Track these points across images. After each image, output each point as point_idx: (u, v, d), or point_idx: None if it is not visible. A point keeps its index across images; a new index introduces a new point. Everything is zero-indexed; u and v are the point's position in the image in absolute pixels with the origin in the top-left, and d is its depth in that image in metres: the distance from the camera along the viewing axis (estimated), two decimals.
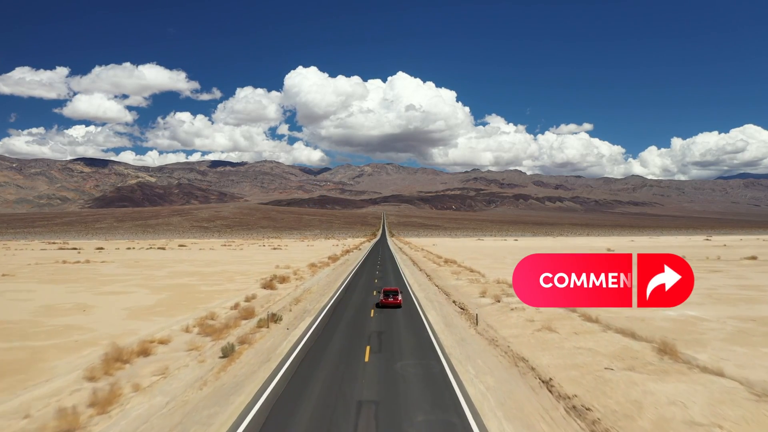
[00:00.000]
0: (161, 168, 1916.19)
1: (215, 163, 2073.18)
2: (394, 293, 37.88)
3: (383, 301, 36.99)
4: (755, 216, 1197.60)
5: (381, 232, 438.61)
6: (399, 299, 37.35)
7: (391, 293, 37.81)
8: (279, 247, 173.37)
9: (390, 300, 36.92)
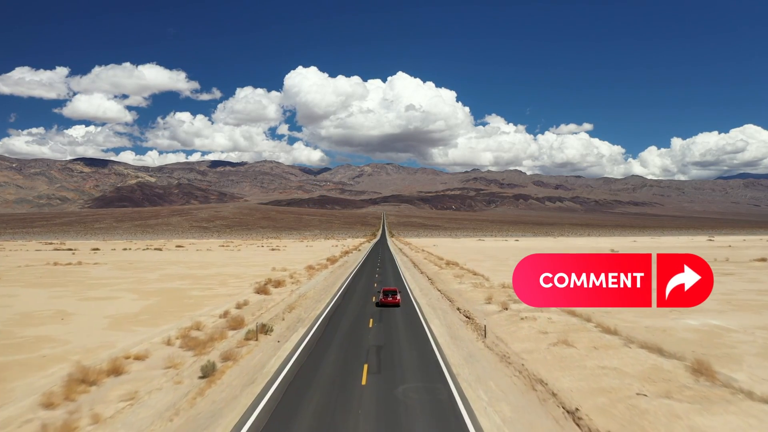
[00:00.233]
0: (161, 168, 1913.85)
1: (215, 163, 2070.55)
2: (393, 293, 39.71)
3: (383, 300, 39.06)
4: (755, 216, 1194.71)
5: (381, 232, 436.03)
6: (398, 298, 39.29)
7: (390, 293, 39.68)
8: (277, 248, 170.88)
9: (389, 299, 38.88)
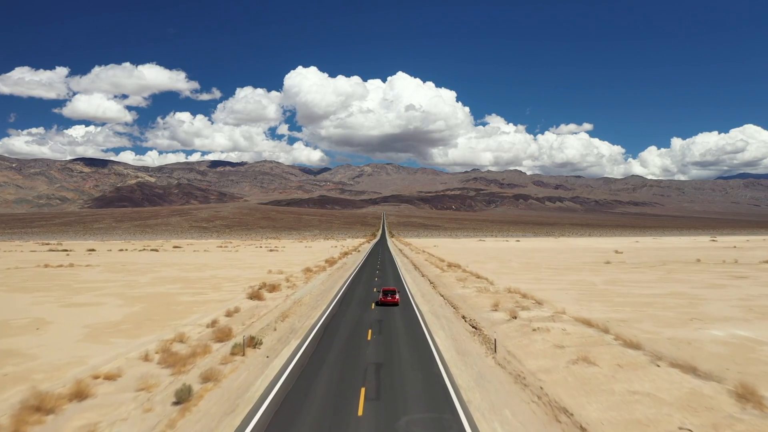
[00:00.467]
0: (161, 168, 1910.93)
1: (215, 163, 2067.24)
2: (392, 293, 41.82)
3: (382, 300, 41.11)
4: (756, 216, 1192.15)
5: (381, 232, 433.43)
6: (396, 298, 41.29)
7: (390, 293, 41.82)
8: (276, 249, 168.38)
9: (388, 299, 40.99)
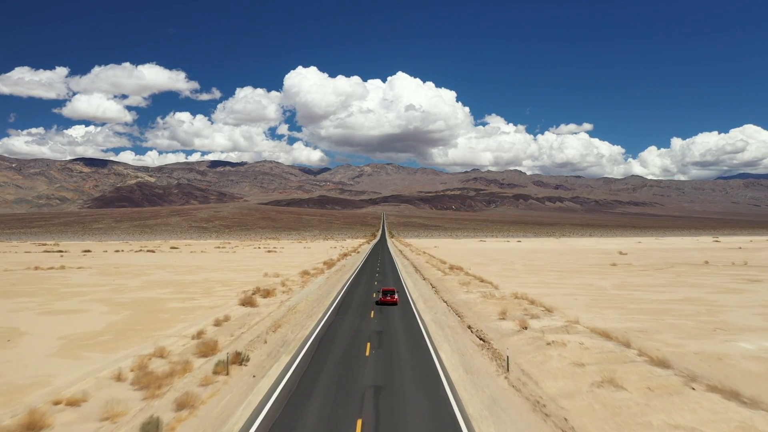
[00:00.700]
0: (161, 168, 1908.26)
1: (215, 163, 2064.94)
2: (391, 293, 43.07)
3: (381, 299, 42.47)
4: (756, 216, 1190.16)
5: (381, 233, 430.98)
6: (395, 298, 42.54)
7: (389, 293, 43.07)
8: (274, 250, 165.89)
9: (387, 298, 42.31)
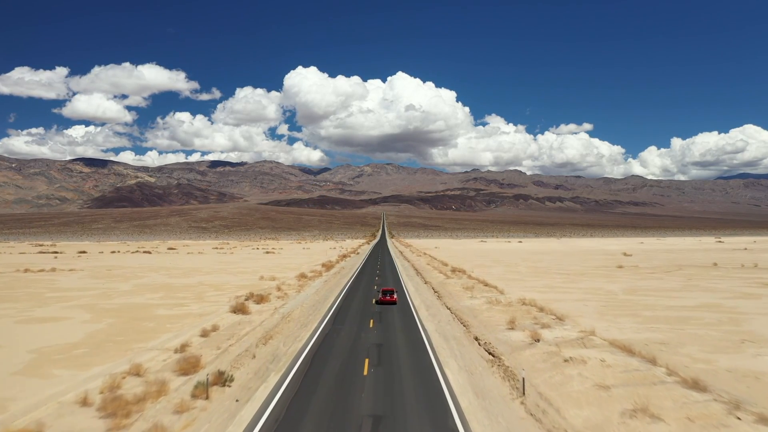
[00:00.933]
0: (161, 168, 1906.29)
1: (215, 164, 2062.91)
2: (390, 292, 45.22)
3: (381, 299, 44.53)
4: (756, 216, 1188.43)
5: (381, 233, 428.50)
6: (395, 297, 44.73)
7: (388, 292, 45.23)
8: (272, 251, 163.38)
9: (387, 298, 44.39)
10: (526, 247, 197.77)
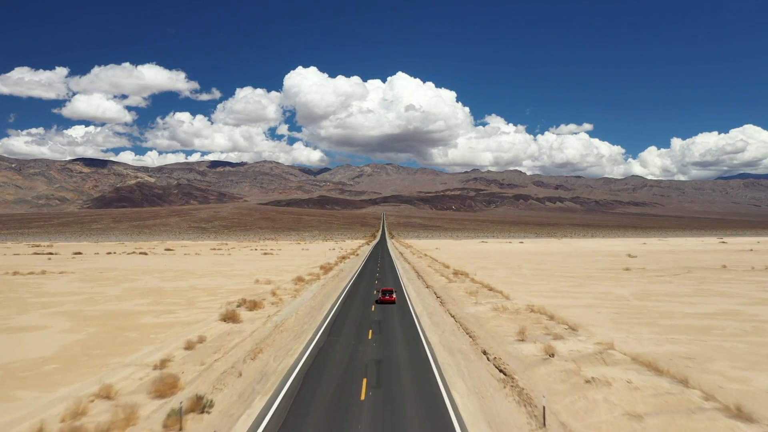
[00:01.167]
0: (160, 168, 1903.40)
1: (214, 164, 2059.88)
2: (389, 292, 47.22)
3: (381, 299, 46.59)
4: (756, 216, 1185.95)
5: (381, 233, 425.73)
6: (393, 297, 46.63)
7: (388, 292, 47.22)
8: (270, 252, 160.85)
9: (386, 297, 46.35)
10: (527, 248, 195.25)
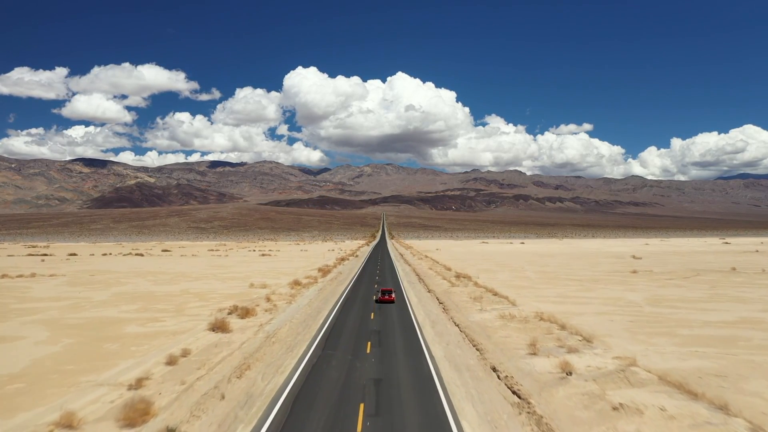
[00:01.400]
0: (160, 168, 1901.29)
1: (214, 164, 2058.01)
2: (389, 292, 48.70)
3: (381, 299, 47.98)
4: (756, 216, 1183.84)
5: (380, 234, 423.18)
6: (393, 297, 48.04)
7: (387, 292, 48.67)
8: (269, 254, 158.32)
9: (386, 297, 47.77)
10: (529, 249, 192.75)
